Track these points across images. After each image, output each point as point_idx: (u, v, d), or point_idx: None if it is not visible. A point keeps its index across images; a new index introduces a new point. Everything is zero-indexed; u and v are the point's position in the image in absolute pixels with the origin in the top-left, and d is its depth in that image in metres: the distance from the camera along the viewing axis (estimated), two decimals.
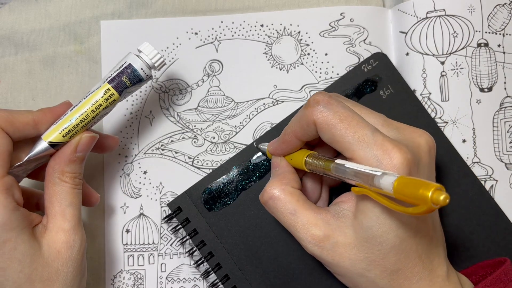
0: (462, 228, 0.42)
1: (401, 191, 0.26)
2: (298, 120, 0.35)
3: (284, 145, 0.37)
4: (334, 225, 0.33)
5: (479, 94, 0.44)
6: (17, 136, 0.34)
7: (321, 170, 0.34)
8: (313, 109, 0.33)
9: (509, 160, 0.44)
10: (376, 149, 0.30)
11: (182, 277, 0.43)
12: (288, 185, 0.35)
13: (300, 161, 0.36)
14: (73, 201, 0.35)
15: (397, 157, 0.30)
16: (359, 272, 0.33)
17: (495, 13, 0.45)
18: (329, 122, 0.32)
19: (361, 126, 0.31)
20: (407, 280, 0.33)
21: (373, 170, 0.29)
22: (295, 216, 0.34)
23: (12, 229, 0.32)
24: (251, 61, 0.45)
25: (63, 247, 0.34)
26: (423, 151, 0.33)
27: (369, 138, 0.31)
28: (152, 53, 0.37)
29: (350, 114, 0.32)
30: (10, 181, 0.33)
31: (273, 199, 0.35)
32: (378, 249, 0.32)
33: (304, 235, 0.34)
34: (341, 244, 0.33)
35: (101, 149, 0.40)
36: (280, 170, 0.37)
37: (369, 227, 0.32)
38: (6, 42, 0.45)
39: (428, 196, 0.24)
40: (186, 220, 0.42)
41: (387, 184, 0.27)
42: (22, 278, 0.33)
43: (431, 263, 0.33)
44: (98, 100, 0.36)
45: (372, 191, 0.29)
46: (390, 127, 0.34)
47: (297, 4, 0.46)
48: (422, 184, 0.24)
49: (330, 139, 0.32)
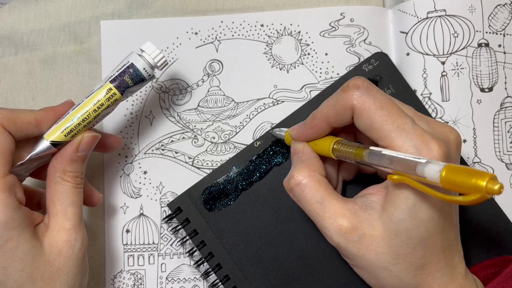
0: (462, 228, 0.42)
1: (450, 179, 0.25)
2: (333, 104, 0.33)
3: (312, 130, 0.36)
4: (362, 216, 0.33)
5: (480, 94, 0.44)
6: (19, 135, 0.34)
7: (352, 158, 0.33)
8: (352, 94, 0.32)
9: (510, 160, 0.44)
10: (416, 139, 0.30)
11: (182, 277, 0.43)
12: (316, 172, 0.35)
13: (327, 148, 0.35)
14: (75, 200, 0.35)
15: (436, 149, 0.30)
16: (384, 265, 0.32)
17: (495, 13, 0.45)
18: (369, 108, 0.31)
19: (401, 115, 0.31)
20: (430, 276, 0.32)
21: (416, 158, 0.28)
22: (323, 205, 0.33)
23: (14, 228, 0.32)
24: (251, 61, 0.45)
25: (64, 246, 0.34)
26: (453, 146, 0.33)
27: (409, 127, 0.30)
28: (155, 53, 0.37)
29: (390, 102, 0.32)
30: (12, 180, 0.33)
31: (300, 186, 0.34)
32: (407, 243, 0.31)
33: (331, 225, 0.33)
34: (368, 236, 0.32)
35: (103, 148, 0.40)
36: (304, 156, 0.36)
37: (401, 219, 0.31)
38: (6, 42, 0.45)
39: (483, 185, 0.24)
40: (186, 220, 0.42)
41: (433, 172, 0.26)
42: (24, 276, 0.33)
43: (453, 259, 0.33)
44: (100, 99, 0.36)
45: (414, 179, 0.28)
46: (421, 120, 0.33)
47: (297, 4, 0.46)
48: (475, 172, 0.24)
49: (368, 126, 0.32)
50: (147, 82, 0.37)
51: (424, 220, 0.31)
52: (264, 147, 0.43)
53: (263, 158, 0.43)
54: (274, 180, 0.42)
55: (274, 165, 0.43)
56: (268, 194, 0.42)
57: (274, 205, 0.42)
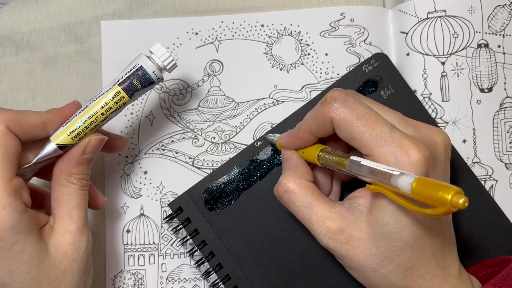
0: (462, 228, 0.42)
1: (419, 192, 0.26)
2: (314, 117, 0.34)
3: (298, 140, 0.37)
4: (349, 219, 0.34)
5: (479, 94, 0.44)
6: (25, 138, 0.34)
7: (335, 166, 0.34)
8: (330, 106, 0.33)
9: (509, 160, 0.44)
10: (394, 146, 0.30)
11: (183, 277, 0.43)
12: (302, 178, 0.35)
13: (312, 156, 0.36)
14: (80, 203, 0.35)
15: (414, 154, 0.30)
16: (373, 267, 0.33)
17: (495, 14, 0.45)
18: (346, 119, 0.32)
19: (378, 123, 0.31)
20: (420, 277, 0.33)
21: (390, 170, 0.28)
22: (310, 210, 0.34)
23: (20, 232, 0.32)
24: (251, 61, 0.45)
25: (69, 248, 0.34)
26: (440, 149, 0.33)
27: (387, 135, 0.31)
28: (164, 56, 0.36)
29: (367, 111, 0.32)
30: (19, 183, 0.33)
31: (288, 193, 0.35)
32: (393, 245, 0.32)
33: (319, 228, 0.34)
34: (356, 238, 0.33)
35: (109, 149, 0.40)
36: (292, 163, 0.37)
37: (385, 223, 0.32)
38: (6, 42, 0.45)
39: (447, 199, 0.24)
40: (187, 220, 0.42)
41: (405, 184, 0.27)
42: (29, 279, 0.33)
43: (444, 261, 0.33)
44: (108, 102, 0.35)
45: (389, 190, 0.29)
46: (407, 125, 0.34)
47: (298, 4, 0.46)
48: (441, 186, 0.25)
49: (348, 136, 0.32)
50: (155, 85, 0.36)
51: (409, 224, 0.31)
52: (264, 147, 0.43)
53: (263, 158, 0.43)
54: (275, 180, 0.42)
55: (274, 165, 0.43)
56: (269, 194, 0.42)
57: (275, 205, 0.42)
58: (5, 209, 0.31)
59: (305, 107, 0.43)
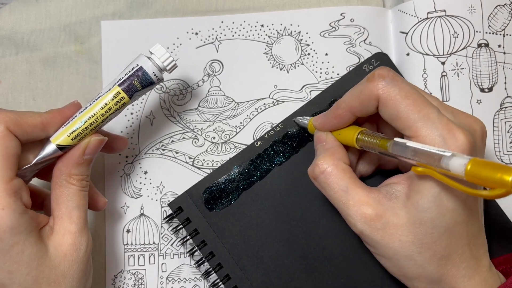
0: None
1: (475, 173, 0.25)
2: (357, 94, 0.34)
3: (335, 120, 0.36)
4: (386, 205, 0.33)
5: (480, 94, 0.44)
6: (25, 138, 0.34)
7: (376, 148, 0.33)
8: (378, 84, 0.32)
9: (510, 160, 0.44)
10: (442, 128, 0.30)
11: (183, 277, 0.43)
12: (340, 161, 0.35)
13: (350, 138, 0.35)
14: (80, 203, 0.35)
15: (461, 138, 0.30)
16: (408, 254, 0.32)
17: (495, 13, 0.45)
18: (394, 98, 0.31)
19: (426, 104, 0.31)
20: (455, 266, 0.32)
21: (440, 151, 0.28)
22: (347, 193, 0.34)
23: (20, 233, 0.32)
24: (251, 61, 0.45)
25: (69, 249, 0.34)
26: (479, 137, 0.33)
27: (435, 116, 0.30)
28: (164, 56, 0.36)
29: (415, 91, 0.32)
30: (18, 183, 0.33)
31: (325, 174, 0.34)
32: (432, 232, 0.31)
33: (355, 213, 0.33)
34: (393, 224, 0.32)
35: (109, 149, 0.40)
36: (328, 144, 0.36)
37: (426, 208, 0.31)
38: (6, 42, 0.45)
39: (508, 180, 0.24)
40: (187, 220, 0.42)
41: (457, 166, 0.26)
42: (29, 280, 0.33)
43: (477, 251, 0.33)
44: (108, 103, 0.35)
45: (438, 172, 0.28)
46: (446, 111, 0.33)
47: (297, 4, 0.46)
48: (500, 167, 0.24)
49: (393, 116, 0.32)
50: (155, 85, 0.36)
51: (449, 209, 0.31)
52: (265, 147, 0.43)
53: (263, 158, 0.43)
54: (275, 180, 0.42)
55: (274, 165, 0.43)
56: (269, 194, 0.42)
57: (275, 204, 0.42)
58: (5, 210, 0.31)
59: (305, 107, 0.43)
